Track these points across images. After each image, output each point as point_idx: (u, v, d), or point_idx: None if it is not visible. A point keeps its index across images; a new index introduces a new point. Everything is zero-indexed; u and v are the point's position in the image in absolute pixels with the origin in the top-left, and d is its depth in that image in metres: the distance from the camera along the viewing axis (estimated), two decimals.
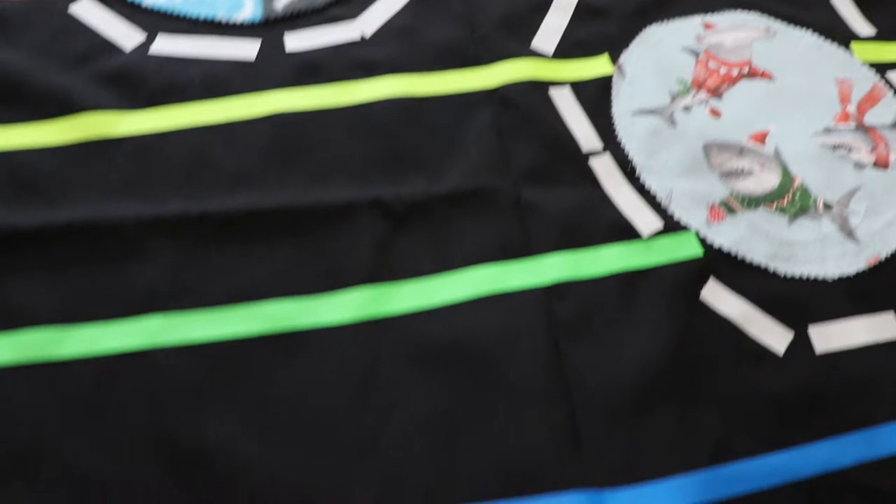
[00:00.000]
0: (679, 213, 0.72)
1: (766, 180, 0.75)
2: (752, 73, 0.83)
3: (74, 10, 0.82)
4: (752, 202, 0.74)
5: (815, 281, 0.70)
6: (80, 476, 0.56)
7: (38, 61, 0.77)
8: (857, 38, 0.88)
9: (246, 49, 0.80)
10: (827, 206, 0.74)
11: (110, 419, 0.59)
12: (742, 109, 0.80)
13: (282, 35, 0.81)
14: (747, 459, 0.61)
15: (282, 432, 0.59)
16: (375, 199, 0.69)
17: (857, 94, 0.83)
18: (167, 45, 0.80)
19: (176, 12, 0.82)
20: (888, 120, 0.81)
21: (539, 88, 0.79)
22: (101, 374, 0.60)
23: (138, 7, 0.83)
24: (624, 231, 0.70)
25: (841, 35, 0.88)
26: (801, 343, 0.67)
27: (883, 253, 0.72)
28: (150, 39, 0.80)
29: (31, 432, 0.58)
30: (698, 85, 0.82)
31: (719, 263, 0.69)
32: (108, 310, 0.63)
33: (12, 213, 0.67)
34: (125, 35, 0.80)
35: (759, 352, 0.66)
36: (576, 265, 0.68)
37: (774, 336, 0.66)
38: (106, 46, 0.79)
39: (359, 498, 0.58)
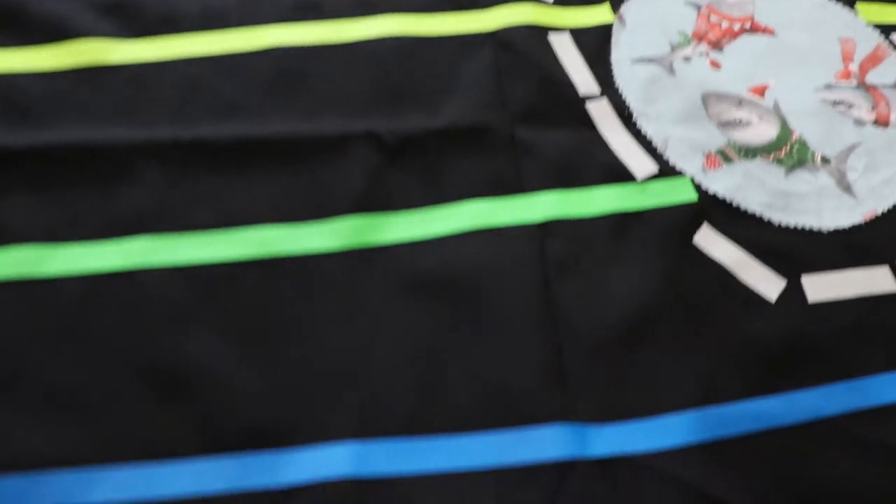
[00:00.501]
0: (675, 159, 0.71)
1: (765, 132, 0.75)
2: (754, 29, 0.83)
3: None
4: (749, 152, 0.73)
5: (810, 232, 0.69)
6: (60, 391, 0.56)
7: None
8: None
9: None
10: (825, 161, 0.74)
11: (92, 336, 0.58)
12: (742, 63, 0.80)
13: None
14: (735, 403, 0.60)
15: (265, 355, 0.58)
16: (370, 131, 0.69)
17: (861, 54, 0.82)
18: None
19: None
20: (890, 80, 0.80)
21: (538, 33, 0.78)
22: (84, 292, 0.60)
23: None
24: (618, 173, 0.70)
25: None
26: (793, 292, 0.66)
27: (880, 208, 0.71)
28: None
29: (14, 347, 0.57)
30: (699, 37, 0.81)
31: (713, 210, 0.69)
32: (94, 230, 0.63)
33: (3, 133, 0.67)
34: None
35: (750, 298, 0.65)
36: (568, 204, 0.67)
37: (767, 283, 0.66)
38: None
39: (339, 422, 0.57)
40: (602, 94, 0.75)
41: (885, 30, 0.85)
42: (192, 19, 0.76)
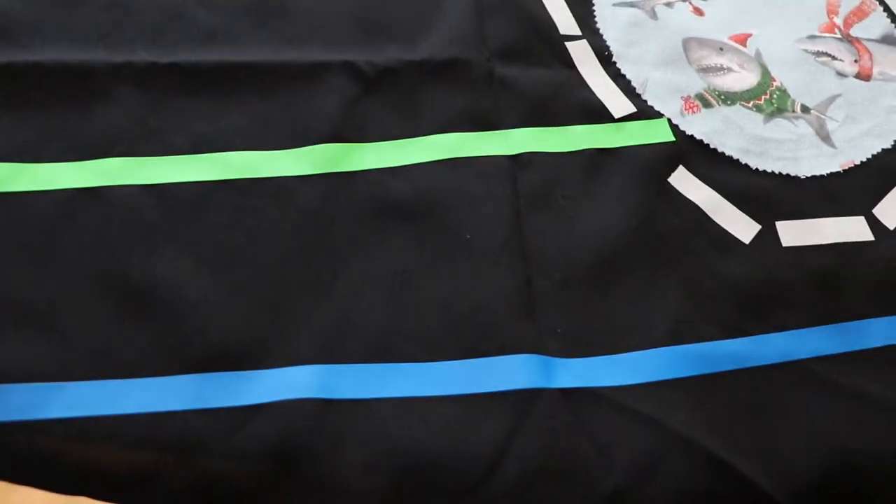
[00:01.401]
0: (653, 101, 0.71)
1: (745, 78, 0.75)
2: None
3: None
4: (729, 98, 0.73)
5: (787, 177, 0.69)
6: (25, 306, 0.55)
7: None
8: None
9: None
10: (805, 109, 0.73)
11: (60, 253, 0.57)
12: (725, 11, 0.80)
13: None
14: (704, 343, 0.60)
15: (234, 274, 0.58)
16: (347, 62, 0.69)
17: (846, 8, 0.82)
18: None
19: None
20: (875, 34, 0.80)
21: None
22: (54, 208, 0.59)
23: None
24: (595, 112, 0.69)
25: None
26: (767, 236, 0.65)
27: (858, 158, 0.71)
28: None
29: None
30: None
31: (690, 152, 0.69)
32: (68, 150, 0.62)
33: None
34: None
35: (724, 239, 0.65)
36: (543, 139, 0.67)
37: (741, 226, 0.65)
38: None
39: (305, 344, 0.56)
40: (582, 34, 0.75)
41: None
42: None
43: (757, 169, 0.68)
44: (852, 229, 0.67)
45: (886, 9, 0.83)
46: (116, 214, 0.60)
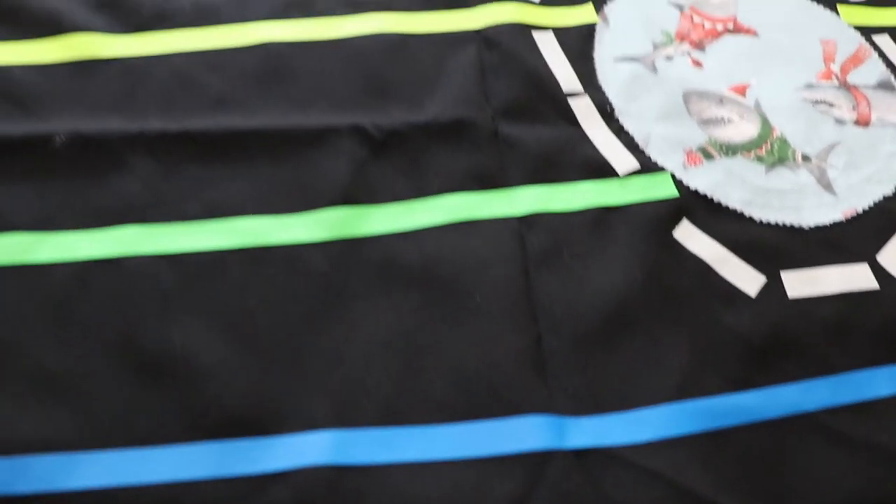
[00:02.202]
0: (656, 155, 0.72)
1: (745, 129, 0.76)
2: (737, 29, 0.84)
3: None
4: (730, 149, 0.74)
5: (791, 228, 0.70)
6: (47, 376, 0.56)
7: None
8: (844, 0, 0.89)
9: None
10: (805, 158, 0.75)
11: (80, 322, 0.59)
12: (724, 62, 0.81)
13: None
14: (713, 397, 0.61)
15: (247, 341, 0.59)
16: (355, 125, 0.70)
17: (842, 55, 0.84)
18: None
19: None
20: (872, 80, 0.82)
21: (523, 31, 0.80)
22: (73, 278, 0.61)
23: None
24: (599, 169, 0.71)
25: None
26: (773, 287, 0.66)
27: (860, 206, 0.72)
28: None
29: (2, 329, 0.58)
30: (682, 37, 0.83)
31: (694, 206, 0.70)
32: (85, 219, 0.64)
33: (2, 124, 0.68)
34: None
35: (730, 292, 0.66)
36: (549, 198, 0.68)
37: (747, 278, 0.66)
38: None
39: (319, 410, 0.58)
40: (585, 91, 0.76)
41: (866, 31, 0.86)
42: (184, 15, 0.77)
43: (761, 221, 0.69)
44: (857, 278, 0.68)
45: (881, 55, 0.84)
46: (133, 283, 0.61)
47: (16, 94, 0.71)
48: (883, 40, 0.85)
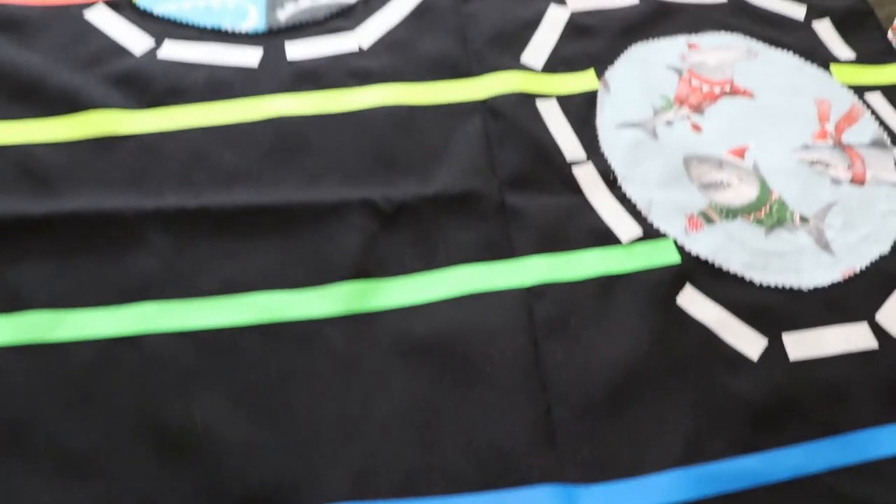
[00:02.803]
0: (658, 221, 0.74)
1: (745, 193, 0.78)
2: (734, 91, 0.86)
3: (89, 15, 0.86)
4: (730, 213, 0.76)
5: (791, 290, 0.72)
6: (69, 453, 0.58)
7: (53, 62, 0.81)
8: (836, 60, 0.92)
9: (249, 56, 0.84)
10: (803, 220, 0.77)
11: (101, 399, 0.61)
12: (723, 125, 0.83)
13: (283, 44, 0.85)
14: (719, 461, 0.63)
15: (267, 416, 0.61)
16: (365, 199, 0.72)
17: (836, 114, 0.86)
18: (174, 50, 0.84)
19: (184, 21, 0.86)
20: (866, 139, 0.84)
21: (527, 100, 0.82)
22: (94, 356, 0.63)
23: (149, 14, 0.87)
24: (604, 237, 0.72)
25: (821, 57, 0.92)
26: (775, 350, 0.68)
27: (858, 266, 0.74)
28: (159, 45, 0.84)
29: (25, 408, 0.60)
30: (681, 101, 0.85)
31: (696, 271, 0.72)
32: (104, 296, 0.66)
33: (21, 202, 0.71)
34: (135, 40, 0.84)
35: (733, 357, 0.67)
36: (556, 268, 0.70)
37: (749, 342, 0.68)
38: (117, 50, 0.83)
39: (336, 482, 0.59)
40: (588, 158, 0.78)
41: (859, 90, 0.88)
42: (198, 90, 0.79)
43: (761, 284, 0.71)
44: (857, 338, 0.70)
45: (874, 113, 0.86)
46: (153, 361, 0.63)
47: (36, 172, 0.73)
48: (875, 99, 0.87)
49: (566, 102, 0.82)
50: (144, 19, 0.87)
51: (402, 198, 0.73)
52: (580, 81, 0.85)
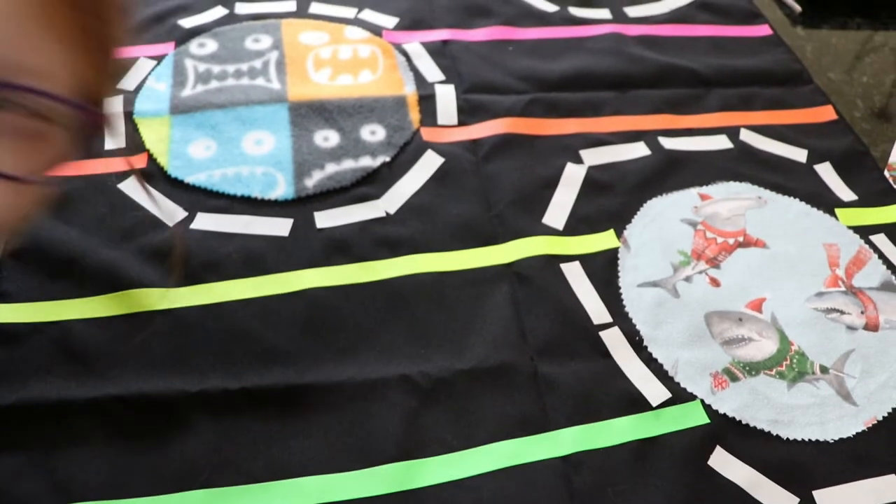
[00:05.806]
0: (685, 382, 0.77)
1: (765, 346, 0.81)
2: (747, 242, 0.90)
3: (123, 186, 0.90)
4: (753, 368, 0.79)
5: (817, 443, 0.74)
6: None
7: (90, 238, 0.84)
8: (840, 203, 0.96)
9: (279, 226, 0.87)
10: (823, 370, 0.79)
11: None
12: (739, 278, 0.86)
13: (312, 213, 0.88)
14: None
15: None
16: (403, 375, 0.75)
17: (845, 258, 0.89)
18: (207, 221, 0.87)
19: (215, 189, 0.90)
20: (875, 283, 0.87)
21: (551, 263, 0.85)
22: None
23: (181, 183, 0.91)
24: (634, 401, 0.75)
25: (826, 201, 0.96)
26: None
27: (880, 414, 0.76)
28: (192, 216, 0.87)
29: None
30: (698, 255, 0.88)
31: (725, 430, 0.74)
32: (153, 484, 0.67)
33: (65, 383, 0.72)
34: (168, 212, 0.88)
35: None
36: (590, 437, 0.72)
37: (781, 502, 0.70)
38: (151, 222, 0.86)
39: None
40: (614, 321, 0.81)
41: (863, 232, 0.92)
42: (232, 263, 0.82)
43: (788, 438, 0.73)
44: (887, 489, 0.71)
45: (881, 255, 0.90)
46: None
47: (78, 352, 0.75)
48: (880, 240, 0.91)
49: (588, 262, 0.86)
50: (176, 188, 0.90)
51: (438, 373, 0.75)
52: (601, 241, 0.88)
